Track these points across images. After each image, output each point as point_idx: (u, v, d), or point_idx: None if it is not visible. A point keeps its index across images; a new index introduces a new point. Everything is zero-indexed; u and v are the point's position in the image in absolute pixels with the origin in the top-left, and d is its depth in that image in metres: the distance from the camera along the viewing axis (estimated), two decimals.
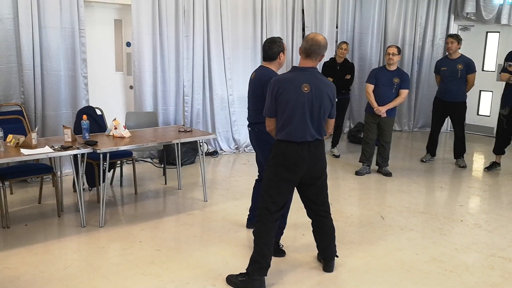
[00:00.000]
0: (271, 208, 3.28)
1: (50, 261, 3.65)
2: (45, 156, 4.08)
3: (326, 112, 3.27)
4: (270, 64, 3.87)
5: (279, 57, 3.84)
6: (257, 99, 3.84)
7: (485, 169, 6.59)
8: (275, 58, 3.84)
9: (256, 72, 3.95)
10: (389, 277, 3.53)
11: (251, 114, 3.98)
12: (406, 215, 4.83)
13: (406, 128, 9.36)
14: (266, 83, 3.49)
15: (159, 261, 3.69)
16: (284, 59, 3.89)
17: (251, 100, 3.98)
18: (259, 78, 3.84)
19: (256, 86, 3.85)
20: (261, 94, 3.70)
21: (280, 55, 3.83)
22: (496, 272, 3.64)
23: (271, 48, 3.82)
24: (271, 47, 3.82)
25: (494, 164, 6.54)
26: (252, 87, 3.92)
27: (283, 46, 3.85)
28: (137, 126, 5.58)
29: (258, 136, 3.94)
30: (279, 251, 3.80)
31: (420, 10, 8.97)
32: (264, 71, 3.84)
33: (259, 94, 3.77)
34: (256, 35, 7.21)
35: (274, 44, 3.83)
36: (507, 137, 6.35)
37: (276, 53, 3.82)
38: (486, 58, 9.02)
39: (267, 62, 3.88)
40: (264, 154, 3.85)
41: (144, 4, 6.11)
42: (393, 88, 5.93)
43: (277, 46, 3.81)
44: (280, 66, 3.92)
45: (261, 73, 3.86)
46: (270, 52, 3.82)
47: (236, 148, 7.26)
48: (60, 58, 5.57)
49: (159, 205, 5.14)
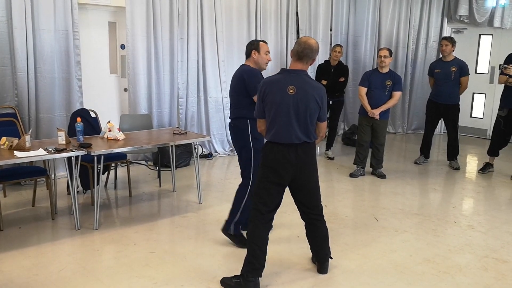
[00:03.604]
0: (262, 210, 3.29)
1: (44, 264, 3.64)
2: (39, 158, 4.07)
3: (313, 115, 3.25)
4: (247, 62, 4.07)
5: (252, 55, 3.99)
6: (235, 93, 4.00)
7: (479, 171, 6.62)
8: (248, 56, 4.04)
9: (237, 70, 4.11)
10: (383, 278, 3.55)
11: (231, 110, 4.11)
12: (400, 216, 4.85)
13: (400, 130, 9.41)
14: (244, 73, 3.89)
15: (154, 263, 3.69)
16: (258, 57, 4.00)
17: (231, 96, 4.11)
18: (238, 73, 4.01)
19: (235, 81, 4.01)
20: (238, 89, 3.93)
21: (252, 53, 3.98)
22: (489, 273, 3.66)
23: (246, 47, 4.07)
24: (246, 46, 4.08)
25: (487, 165, 6.58)
26: (232, 83, 4.07)
27: (258, 45, 4.00)
28: (131, 128, 5.57)
29: (234, 131, 4.05)
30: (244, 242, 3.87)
31: (413, 13, 9.02)
32: (243, 67, 4.04)
33: (237, 88, 3.96)
34: (250, 37, 7.21)
35: (249, 43, 4.09)
36: (504, 139, 6.38)
37: (249, 50, 4.02)
38: (479, 61, 9.07)
39: (246, 60, 4.10)
40: (240, 149, 4.02)
41: (139, 7, 6.11)
42: (386, 91, 5.96)
43: (250, 44, 4.05)
44: (256, 64, 4.02)
45: (240, 68, 4.05)
46: (246, 51, 4.07)
47: (230, 151, 7.26)
48: (54, 61, 5.56)
49: (154, 208, 5.13)
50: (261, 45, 4.00)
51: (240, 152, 4.04)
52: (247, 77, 3.88)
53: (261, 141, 3.91)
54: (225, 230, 4.07)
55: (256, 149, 3.92)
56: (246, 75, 3.90)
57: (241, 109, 3.94)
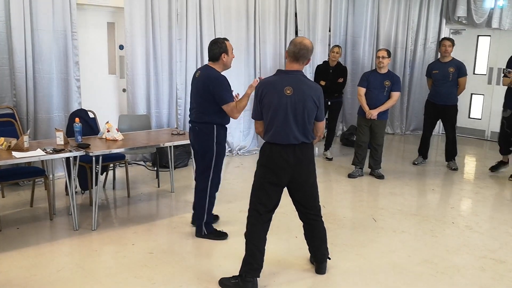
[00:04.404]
0: (260, 210, 3.29)
1: (42, 264, 3.64)
2: (37, 159, 4.06)
3: (311, 115, 3.26)
4: (214, 64, 3.96)
5: (222, 58, 3.91)
6: (201, 98, 3.91)
7: (490, 168, 6.61)
8: (217, 59, 3.93)
9: (200, 71, 4.02)
10: (381, 279, 3.55)
11: (193, 113, 4.03)
12: (398, 217, 4.85)
13: (398, 131, 9.42)
14: (211, 83, 3.79)
15: (152, 264, 3.69)
16: (228, 60, 3.96)
17: (194, 99, 4.02)
18: (203, 78, 3.91)
19: (200, 86, 3.91)
20: (206, 94, 3.84)
21: (222, 56, 3.90)
22: (487, 274, 3.67)
23: (212, 49, 3.92)
24: (212, 48, 3.92)
25: (501, 163, 6.58)
26: (196, 86, 3.98)
27: (226, 47, 3.91)
28: (130, 129, 5.57)
29: (198, 135, 4.01)
30: (220, 234, 4.17)
31: (412, 14, 9.04)
32: (209, 71, 3.93)
33: (204, 94, 3.87)
34: (249, 38, 7.23)
35: (215, 45, 3.92)
36: (508, 140, 6.37)
37: (218, 54, 3.90)
38: (477, 62, 9.10)
39: (211, 62, 3.98)
40: (203, 153, 4.01)
41: (137, 7, 6.11)
42: (385, 91, 5.97)
43: (218, 47, 3.90)
44: (225, 67, 3.99)
45: (205, 73, 3.94)
46: (211, 53, 3.93)
47: (229, 151, 7.26)
48: (53, 61, 5.55)
49: (152, 208, 5.13)
50: (228, 46, 3.94)
51: (203, 155, 4.03)
52: (214, 87, 3.83)
53: (224, 146, 4.06)
54: (199, 234, 4.18)
55: (218, 153, 4.01)
56: (213, 86, 3.83)
57: (208, 115, 3.92)
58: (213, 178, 4.08)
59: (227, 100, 3.86)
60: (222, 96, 3.84)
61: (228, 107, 3.88)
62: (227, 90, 3.88)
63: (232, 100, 3.92)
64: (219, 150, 4.02)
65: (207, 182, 4.08)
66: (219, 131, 3.97)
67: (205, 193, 4.10)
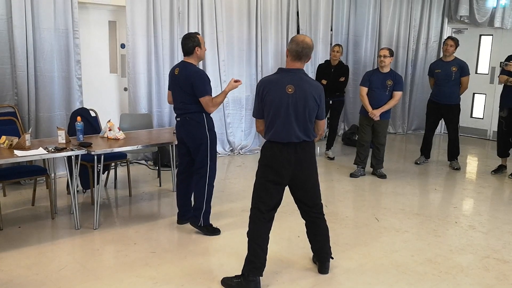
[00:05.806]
0: (261, 208, 3.28)
1: (43, 263, 3.62)
2: (39, 157, 4.06)
3: (312, 113, 3.25)
4: (189, 59, 4.12)
5: (196, 52, 4.06)
6: (186, 93, 4.04)
7: (492, 172, 6.58)
8: (191, 53, 4.08)
9: (179, 68, 4.13)
10: (384, 278, 3.53)
11: (180, 106, 4.14)
12: (401, 217, 4.84)
13: (400, 130, 9.40)
14: (192, 78, 3.96)
15: (154, 263, 3.67)
16: (201, 53, 4.13)
17: (178, 94, 4.13)
18: (184, 75, 4.04)
19: (183, 83, 4.04)
20: (190, 89, 4.00)
21: (196, 49, 4.06)
22: (490, 274, 3.65)
23: (186, 44, 4.08)
24: (186, 42, 4.08)
25: (501, 167, 6.54)
26: (178, 84, 4.09)
27: (199, 40, 4.08)
28: (131, 128, 5.56)
29: (189, 125, 4.10)
30: (214, 230, 4.22)
31: (414, 13, 9.02)
32: (188, 67, 4.07)
33: (188, 89, 4.01)
34: (251, 37, 7.21)
35: (188, 39, 4.08)
36: (507, 140, 6.35)
37: (191, 47, 4.06)
38: (479, 61, 9.07)
39: (187, 57, 4.13)
40: (198, 145, 4.09)
41: (139, 6, 6.10)
42: (387, 90, 5.95)
43: (191, 41, 4.06)
44: (199, 59, 4.16)
45: (185, 70, 4.07)
46: (186, 47, 4.08)
47: (231, 150, 7.25)
48: (54, 60, 5.54)
49: (154, 207, 5.12)
50: (200, 40, 4.09)
51: (197, 147, 4.11)
52: (195, 80, 3.99)
53: (215, 132, 4.19)
54: (195, 224, 4.23)
55: (212, 140, 4.11)
56: (193, 79, 3.99)
57: (196, 105, 4.04)
58: (211, 166, 4.15)
59: (205, 93, 4.00)
60: (200, 88, 3.99)
61: (205, 99, 4.01)
62: (207, 83, 4.04)
63: (211, 94, 4.06)
64: (211, 137, 4.13)
65: (206, 173, 4.15)
66: (208, 118, 4.13)
67: (204, 179, 4.15)
